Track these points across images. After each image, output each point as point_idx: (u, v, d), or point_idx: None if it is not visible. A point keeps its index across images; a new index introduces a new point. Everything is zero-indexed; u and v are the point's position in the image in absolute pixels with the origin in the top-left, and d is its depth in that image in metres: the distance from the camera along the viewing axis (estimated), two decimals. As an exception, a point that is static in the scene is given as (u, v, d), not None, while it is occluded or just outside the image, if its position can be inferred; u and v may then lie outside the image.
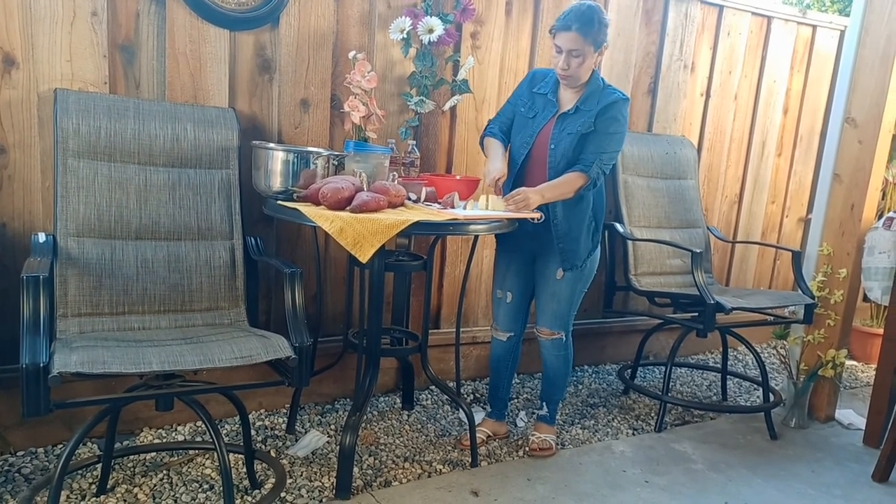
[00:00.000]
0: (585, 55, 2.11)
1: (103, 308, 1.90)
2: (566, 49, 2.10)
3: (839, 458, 2.57)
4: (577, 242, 2.23)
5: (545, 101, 2.25)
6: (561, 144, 2.18)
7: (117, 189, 1.96)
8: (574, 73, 2.14)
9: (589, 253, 2.27)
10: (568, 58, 2.11)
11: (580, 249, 2.24)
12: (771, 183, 3.73)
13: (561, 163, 2.18)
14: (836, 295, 2.77)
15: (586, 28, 2.08)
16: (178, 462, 2.14)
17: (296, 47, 2.37)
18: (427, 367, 2.38)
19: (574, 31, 2.08)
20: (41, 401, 1.47)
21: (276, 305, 2.48)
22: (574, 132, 2.16)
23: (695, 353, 3.68)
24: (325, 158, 2.08)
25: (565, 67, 2.13)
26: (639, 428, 2.69)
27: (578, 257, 2.24)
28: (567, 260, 2.23)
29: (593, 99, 2.18)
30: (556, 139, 2.20)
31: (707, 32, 3.32)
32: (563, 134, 2.19)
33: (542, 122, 2.24)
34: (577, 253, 2.24)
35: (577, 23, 2.07)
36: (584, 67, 2.14)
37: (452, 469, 2.25)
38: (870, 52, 2.67)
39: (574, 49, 2.09)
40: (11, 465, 2.05)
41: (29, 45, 1.97)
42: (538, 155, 2.23)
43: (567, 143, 2.17)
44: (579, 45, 2.09)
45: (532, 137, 2.24)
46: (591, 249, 2.29)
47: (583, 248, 2.25)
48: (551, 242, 2.23)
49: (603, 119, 2.16)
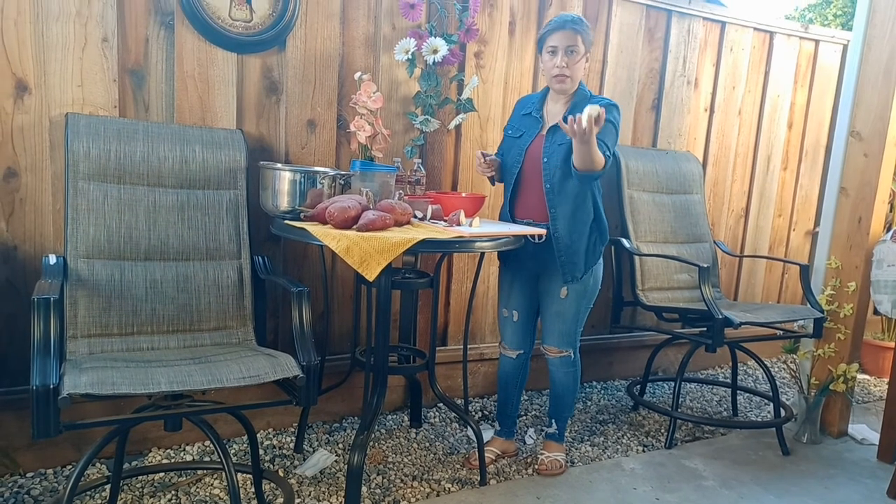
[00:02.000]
0: (579, 52, 2.16)
1: (112, 329, 1.92)
2: (562, 46, 2.15)
3: (852, 473, 2.53)
4: (579, 255, 2.22)
5: (531, 120, 2.29)
6: (553, 157, 2.19)
7: (127, 211, 1.98)
8: (570, 71, 2.17)
9: (590, 266, 2.26)
10: (565, 56, 2.15)
11: (581, 262, 2.23)
12: (777, 197, 3.73)
13: (556, 174, 2.18)
14: (846, 308, 2.75)
15: (579, 26, 2.15)
16: (187, 482, 2.14)
17: (302, 69, 2.40)
18: (435, 385, 2.38)
19: (568, 29, 2.14)
20: (51, 422, 1.47)
21: (284, 324, 2.49)
22: (564, 142, 2.16)
23: (704, 368, 3.66)
24: (332, 178, 2.10)
25: (562, 66, 2.15)
26: (649, 444, 2.67)
27: (579, 269, 2.23)
28: (568, 272, 2.23)
29: (579, 108, 2.17)
30: (548, 152, 2.20)
31: (710, 49, 3.34)
32: (553, 146, 2.19)
33: (529, 138, 2.26)
34: (578, 265, 2.23)
35: (570, 21, 2.15)
36: (578, 67, 2.18)
37: (461, 488, 2.23)
38: (873, 66, 2.68)
39: (570, 45, 2.14)
40: (21, 486, 2.05)
41: (41, 71, 2.01)
42: (530, 170, 2.25)
43: (560, 155, 2.17)
44: (574, 41, 2.14)
45: (521, 154, 2.25)
46: (593, 262, 2.27)
47: (584, 260, 2.23)
48: (553, 261, 2.23)
49: None
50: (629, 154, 3.05)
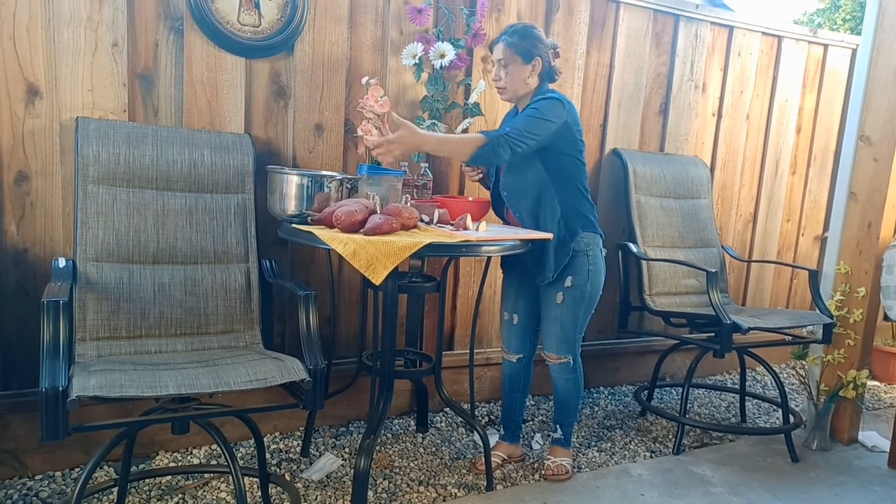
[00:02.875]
0: (512, 65, 2.17)
1: (121, 332, 1.93)
2: (495, 59, 2.20)
3: (863, 481, 2.51)
4: (546, 253, 2.20)
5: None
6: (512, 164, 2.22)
7: (135, 214, 1.99)
8: (505, 84, 2.20)
9: (560, 265, 2.19)
10: (498, 68, 2.20)
11: (551, 261, 2.19)
12: (786, 201, 3.71)
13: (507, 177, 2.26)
14: (856, 314, 2.73)
15: (512, 38, 2.17)
16: (194, 486, 2.15)
17: (310, 74, 2.41)
18: (441, 389, 2.38)
19: (501, 42, 2.19)
20: (60, 424, 1.48)
21: (291, 328, 2.50)
22: None
23: (712, 373, 3.64)
24: (339, 182, 2.10)
25: (496, 78, 2.21)
26: (656, 450, 2.65)
27: (549, 269, 2.20)
28: (539, 273, 2.23)
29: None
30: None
31: (717, 53, 3.34)
32: None
33: None
34: (548, 265, 2.20)
35: (506, 34, 2.19)
36: (514, 78, 2.18)
37: (468, 493, 2.23)
38: (882, 70, 2.67)
39: (501, 58, 2.18)
40: (30, 488, 2.06)
41: (52, 75, 2.03)
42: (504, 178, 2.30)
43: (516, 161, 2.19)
44: (505, 55, 2.17)
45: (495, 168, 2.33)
46: (563, 261, 2.19)
47: (553, 259, 2.19)
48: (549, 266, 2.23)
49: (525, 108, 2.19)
50: (637, 159, 3.05)
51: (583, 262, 2.21)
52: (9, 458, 2.09)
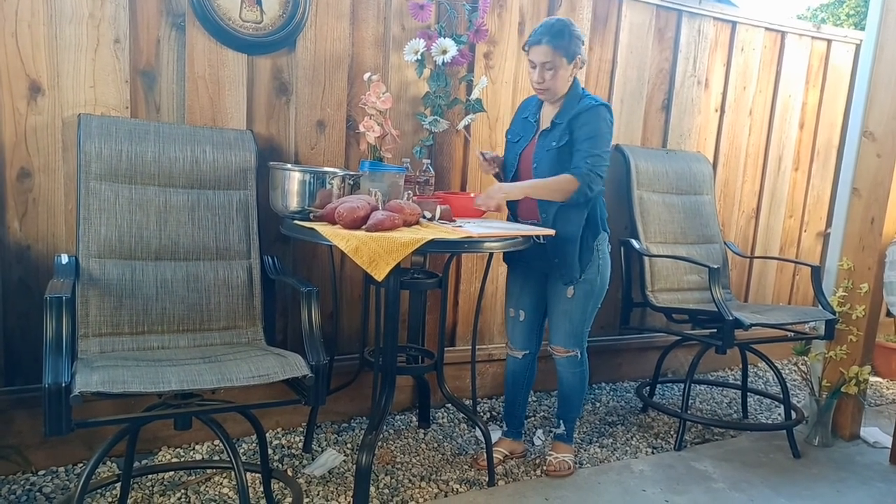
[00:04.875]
0: (558, 67, 2.14)
1: (123, 328, 1.93)
2: (539, 62, 2.15)
3: (864, 477, 2.51)
4: (572, 255, 2.21)
5: (527, 124, 2.31)
6: (543, 162, 2.20)
7: (138, 211, 2.00)
8: (549, 85, 2.17)
9: (585, 265, 2.23)
10: (541, 71, 2.16)
11: (576, 262, 2.21)
12: (788, 197, 3.70)
13: None
14: (858, 310, 2.73)
15: (556, 40, 2.12)
16: (196, 481, 2.15)
17: (312, 70, 2.41)
18: (443, 385, 2.38)
19: (545, 44, 2.13)
20: (63, 420, 1.48)
21: (293, 324, 2.50)
22: (551, 147, 2.19)
23: (714, 369, 3.64)
24: (341, 178, 2.10)
25: (540, 81, 2.17)
26: (658, 446, 2.66)
27: (575, 270, 2.22)
28: (564, 275, 2.23)
29: (568, 110, 2.21)
30: (537, 157, 2.23)
31: (720, 48, 3.32)
32: (542, 151, 2.22)
33: (524, 143, 2.29)
34: (574, 266, 2.22)
35: (547, 35, 2.13)
36: (558, 79, 2.16)
37: (469, 489, 2.23)
38: (886, 66, 2.66)
39: (546, 62, 2.14)
40: (33, 484, 2.07)
41: (55, 72, 2.03)
42: (525, 174, 2.27)
43: (549, 160, 2.19)
44: (550, 56, 2.13)
45: (516, 158, 2.30)
46: (588, 261, 2.23)
47: (578, 261, 2.21)
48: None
49: (577, 125, 2.16)
50: (639, 155, 3.04)
51: (594, 257, 2.24)
52: (12, 454, 2.10)
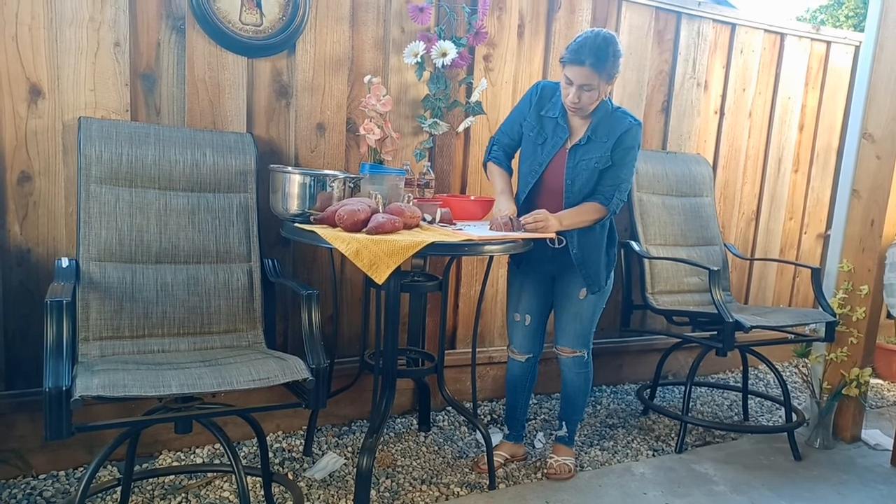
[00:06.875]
0: (597, 89, 2.03)
1: (124, 331, 1.93)
2: (577, 83, 2.01)
3: (866, 479, 2.51)
4: (598, 265, 2.24)
5: (555, 126, 2.17)
6: (578, 180, 2.15)
7: (138, 214, 2.00)
8: (584, 105, 2.06)
9: (610, 271, 2.29)
10: (579, 92, 2.02)
11: (601, 270, 2.25)
12: (788, 199, 3.71)
13: (578, 196, 2.17)
14: (858, 312, 2.72)
15: (600, 64, 1.97)
16: (197, 485, 2.15)
17: (312, 73, 2.41)
18: (443, 388, 2.38)
19: (587, 67, 1.97)
20: (63, 424, 1.48)
21: (293, 327, 2.50)
22: (591, 168, 2.13)
23: (714, 372, 3.63)
24: (342, 181, 2.10)
25: (576, 101, 2.04)
26: (659, 449, 2.65)
27: (602, 278, 2.25)
28: (593, 283, 2.24)
29: (605, 126, 2.12)
30: (571, 174, 2.15)
31: (720, 50, 3.33)
32: (578, 168, 2.15)
33: (552, 150, 2.17)
34: (601, 275, 2.25)
35: (592, 57, 1.97)
36: (594, 99, 2.06)
37: (470, 492, 2.23)
38: (885, 67, 2.66)
39: (586, 84, 2.00)
40: (34, 488, 2.06)
41: (55, 76, 2.03)
42: (551, 184, 2.19)
43: (585, 178, 2.15)
44: (592, 80, 2.00)
45: (542, 166, 2.18)
46: (612, 267, 2.30)
47: (603, 268, 2.26)
48: (571, 264, 2.23)
49: (620, 150, 2.12)
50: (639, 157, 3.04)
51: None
52: (13, 458, 2.10)
